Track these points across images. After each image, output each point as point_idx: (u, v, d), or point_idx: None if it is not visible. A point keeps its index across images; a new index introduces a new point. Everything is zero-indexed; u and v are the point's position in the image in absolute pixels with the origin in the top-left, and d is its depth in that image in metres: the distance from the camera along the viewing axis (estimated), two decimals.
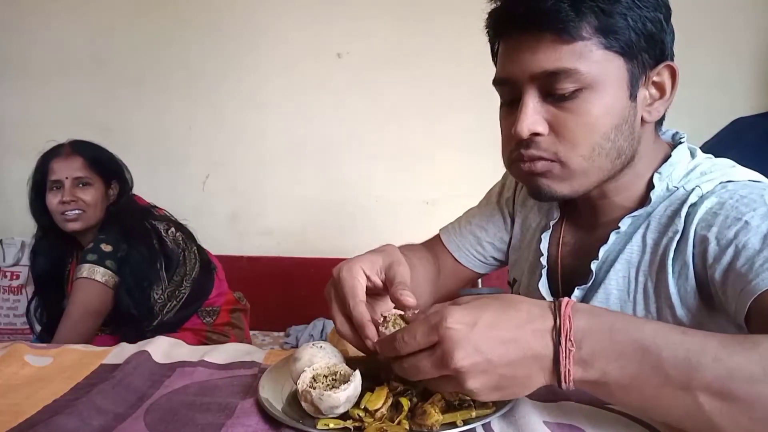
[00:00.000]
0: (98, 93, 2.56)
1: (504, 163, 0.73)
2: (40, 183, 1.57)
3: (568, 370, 0.47)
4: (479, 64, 0.92)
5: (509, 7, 0.65)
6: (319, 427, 0.50)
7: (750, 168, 0.71)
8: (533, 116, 0.63)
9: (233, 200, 2.14)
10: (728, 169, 0.70)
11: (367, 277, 0.62)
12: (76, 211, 1.51)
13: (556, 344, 0.47)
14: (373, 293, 0.64)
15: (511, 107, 0.67)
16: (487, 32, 0.71)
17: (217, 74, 2.49)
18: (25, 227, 2.61)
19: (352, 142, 2.45)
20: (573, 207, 0.79)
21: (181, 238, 1.62)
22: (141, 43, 2.51)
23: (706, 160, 0.73)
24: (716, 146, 1.58)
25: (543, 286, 0.80)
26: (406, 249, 0.87)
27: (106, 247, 1.47)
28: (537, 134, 0.64)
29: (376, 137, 2.43)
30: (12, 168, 2.67)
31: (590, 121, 0.63)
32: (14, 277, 2.41)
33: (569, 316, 0.47)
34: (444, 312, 0.48)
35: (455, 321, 0.47)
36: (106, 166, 1.60)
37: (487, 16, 0.69)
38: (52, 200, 1.52)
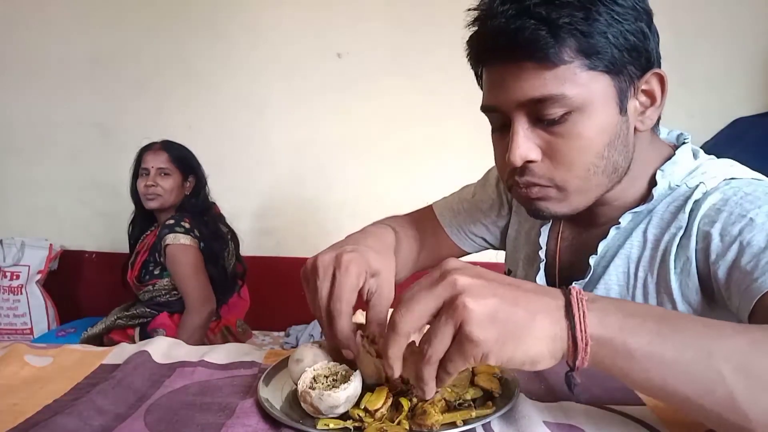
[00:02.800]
0: (98, 93, 2.56)
1: (504, 186, 0.74)
2: (136, 171, 1.98)
3: (584, 312, 0.43)
4: None
5: (488, 38, 0.64)
6: (319, 427, 0.50)
7: (750, 168, 0.72)
8: (525, 144, 0.63)
9: (233, 200, 2.14)
10: (730, 168, 0.70)
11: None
12: (155, 194, 1.92)
13: (568, 294, 0.45)
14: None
15: (502, 132, 0.67)
16: (469, 60, 0.70)
17: (217, 74, 2.49)
18: (26, 227, 2.62)
19: (352, 142, 2.45)
20: None
21: (230, 237, 2.03)
22: (141, 43, 2.51)
23: (708, 161, 0.73)
24: (716, 146, 1.59)
25: (540, 279, 0.81)
26: (395, 223, 0.90)
27: (185, 223, 1.86)
28: (530, 161, 0.64)
29: (376, 137, 2.43)
30: (12, 168, 2.67)
31: (583, 144, 0.63)
32: (14, 277, 2.41)
33: (578, 290, 0.45)
34: (453, 272, 0.45)
35: (462, 278, 0.44)
36: (184, 163, 1.98)
37: (467, 41, 0.68)
38: (140, 184, 1.95)
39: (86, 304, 2.62)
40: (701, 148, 0.77)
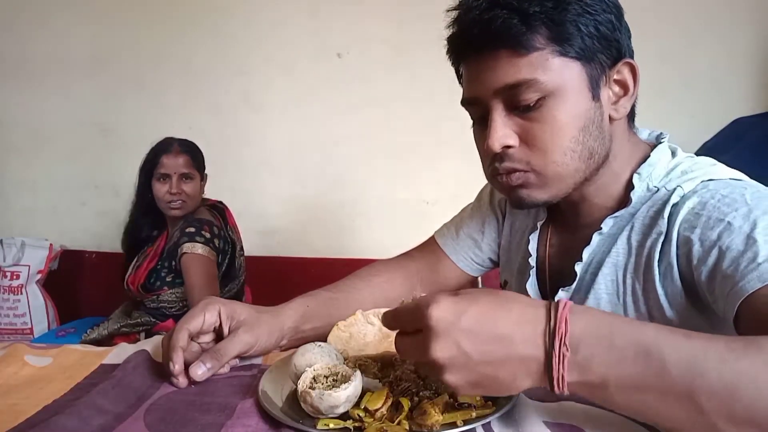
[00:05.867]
0: (98, 93, 2.56)
1: (486, 177, 0.75)
2: (149, 171, 1.86)
3: (562, 375, 0.45)
4: None
5: (464, 31, 0.67)
6: (319, 427, 0.50)
7: (750, 168, 0.71)
8: (502, 130, 0.66)
9: (233, 200, 2.14)
10: (709, 167, 0.70)
11: (221, 319, 0.69)
12: (180, 202, 1.83)
13: (549, 348, 0.45)
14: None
15: (482, 125, 0.70)
16: (449, 57, 0.73)
17: (217, 74, 2.49)
18: (25, 227, 2.62)
19: (352, 142, 2.45)
20: (558, 209, 0.80)
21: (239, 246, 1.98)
22: (141, 43, 2.51)
23: (687, 159, 0.73)
24: (716, 146, 1.59)
25: (531, 286, 0.81)
26: (370, 274, 0.94)
27: (206, 232, 1.78)
28: (508, 147, 0.66)
29: (376, 137, 2.43)
30: (12, 168, 2.67)
31: (557, 127, 0.65)
32: (14, 277, 2.41)
33: (566, 319, 0.45)
34: (432, 300, 0.47)
35: (441, 310, 0.46)
36: (201, 161, 1.92)
37: (446, 42, 0.71)
38: (161, 189, 1.82)
39: (86, 304, 2.62)
40: (701, 148, 0.77)
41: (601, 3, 0.65)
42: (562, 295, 0.76)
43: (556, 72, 0.63)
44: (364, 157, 2.46)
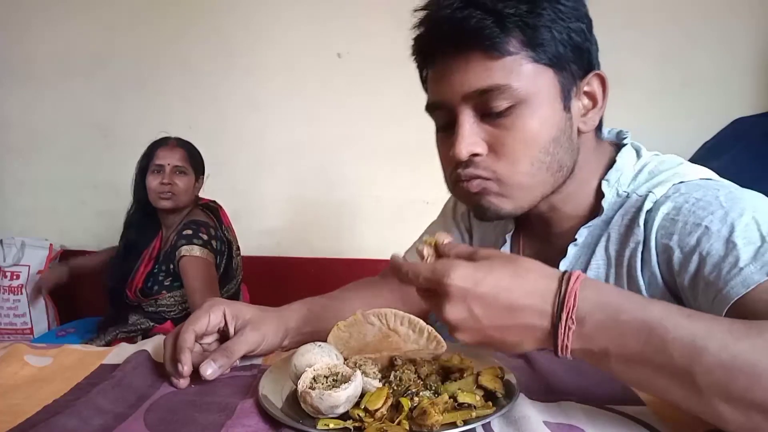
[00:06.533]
0: (98, 93, 2.56)
1: (448, 187, 0.72)
2: (145, 166, 1.86)
3: (566, 344, 0.47)
4: None
5: (435, 31, 0.64)
6: (319, 427, 0.50)
7: (750, 168, 0.71)
8: (470, 137, 0.63)
9: (233, 200, 2.14)
10: (677, 167, 0.69)
11: (225, 321, 0.69)
12: (170, 194, 1.82)
13: (556, 321, 0.47)
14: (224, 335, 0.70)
15: (447, 131, 0.67)
16: (415, 59, 0.71)
17: (217, 74, 2.49)
18: (25, 227, 2.62)
19: (352, 142, 2.45)
20: (527, 219, 0.78)
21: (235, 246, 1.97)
22: (141, 43, 2.51)
23: (652, 158, 0.72)
24: (716, 146, 1.59)
25: None
26: (358, 287, 0.92)
27: (203, 234, 1.78)
28: (476, 155, 0.64)
29: (376, 137, 2.43)
30: (12, 168, 2.67)
31: (528, 137, 0.63)
32: (14, 277, 2.41)
33: (575, 294, 0.47)
34: (450, 266, 0.49)
35: (458, 277, 0.48)
36: (198, 161, 1.92)
37: (412, 42, 0.69)
38: (153, 181, 1.83)
39: (86, 304, 2.62)
40: (701, 148, 0.76)
41: (573, 11, 0.63)
42: None
43: (529, 79, 0.62)
44: (364, 157, 2.46)
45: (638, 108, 2.21)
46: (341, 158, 2.48)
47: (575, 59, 0.64)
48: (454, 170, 0.66)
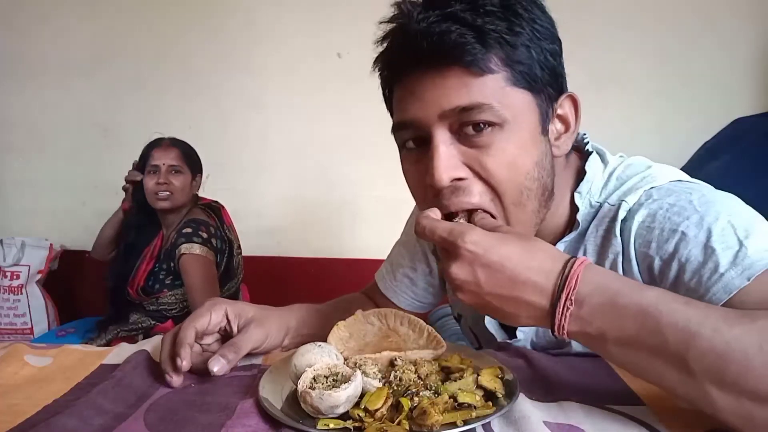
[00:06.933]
0: (98, 93, 2.56)
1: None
2: (142, 168, 1.88)
3: (563, 324, 0.49)
4: None
5: (409, 45, 0.59)
6: (319, 427, 0.50)
7: (750, 168, 0.71)
8: (449, 160, 0.58)
9: (233, 200, 2.14)
10: (645, 171, 0.68)
11: (228, 320, 0.69)
12: (167, 193, 1.83)
13: (556, 300, 0.49)
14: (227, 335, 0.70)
15: (417, 153, 0.62)
16: (381, 74, 0.66)
17: (217, 74, 2.49)
18: (25, 227, 2.62)
19: (352, 142, 2.45)
20: None
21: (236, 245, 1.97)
22: (141, 43, 2.51)
23: (619, 163, 0.71)
24: (716, 146, 1.59)
25: (490, 323, 0.78)
26: (347, 300, 0.93)
27: (203, 233, 1.78)
28: (459, 179, 0.59)
29: (376, 137, 2.42)
30: (12, 168, 2.67)
31: (510, 160, 0.59)
32: (14, 277, 2.41)
33: (577, 276, 0.49)
34: (467, 229, 0.52)
35: (471, 242, 0.51)
36: (193, 160, 1.92)
37: (379, 56, 0.64)
38: (149, 182, 1.83)
39: (86, 304, 2.62)
40: (701, 148, 0.76)
41: (548, 32, 0.61)
42: (526, 330, 0.75)
43: (509, 99, 0.58)
44: (364, 157, 2.46)
45: (638, 108, 2.21)
46: (341, 158, 2.48)
47: (551, 82, 0.62)
48: (434, 198, 0.60)
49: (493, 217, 0.60)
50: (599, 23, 2.17)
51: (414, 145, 0.63)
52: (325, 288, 0.92)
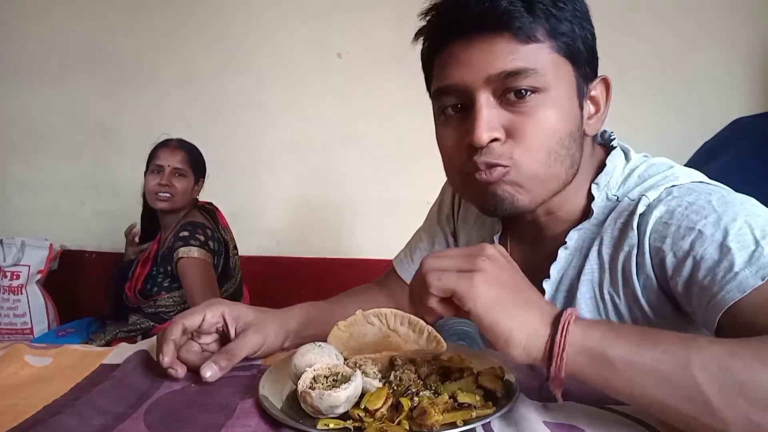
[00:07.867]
0: (98, 93, 2.56)
1: (453, 181, 0.71)
2: (148, 167, 1.88)
3: (568, 323, 0.49)
4: None
5: (458, 12, 0.62)
6: (319, 427, 0.50)
7: (750, 168, 0.71)
8: (491, 122, 0.61)
9: (233, 200, 2.15)
10: (667, 170, 0.69)
11: (225, 322, 0.69)
12: (167, 195, 1.82)
13: (559, 312, 0.50)
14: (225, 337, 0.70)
15: (457, 118, 0.65)
16: (425, 40, 0.68)
17: (217, 74, 2.49)
18: (25, 227, 2.62)
19: (352, 142, 2.45)
20: (516, 222, 0.77)
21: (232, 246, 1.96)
22: (141, 43, 2.51)
23: (642, 161, 0.72)
24: (716, 146, 1.58)
25: None
26: (356, 293, 0.92)
27: (200, 235, 1.78)
28: (495, 140, 0.62)
29: (376, 137, 2.43)
30: (12, 168, 2.67)
31: (547, 126, 0.62)
32: (14, 277, 2.41)
33: (571, 311, 0.50)
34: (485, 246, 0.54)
35: (486, 255, 0.53)
36: (199, 164, 1.91)
37: (424, 27, 0.67)
38: (151, 181, 1.83)
39: (86, 304, 2.62)
40: (701, 148, 0.76)
41: (586, 15, 0.65)
42: None
43: (552, 68, 0.62)
44: (364, 157, 2.46)
45: (638, 108, 2.21)
46: (341, 158, 2.48)
47: (589, 60, 0.65)
48: (468, 159, 0.63)
49: (518, 173, 0.63)
50: (600, 23, 2.16)
51: (452, 112, 0.66)
52: (325, 288, 0.92)
